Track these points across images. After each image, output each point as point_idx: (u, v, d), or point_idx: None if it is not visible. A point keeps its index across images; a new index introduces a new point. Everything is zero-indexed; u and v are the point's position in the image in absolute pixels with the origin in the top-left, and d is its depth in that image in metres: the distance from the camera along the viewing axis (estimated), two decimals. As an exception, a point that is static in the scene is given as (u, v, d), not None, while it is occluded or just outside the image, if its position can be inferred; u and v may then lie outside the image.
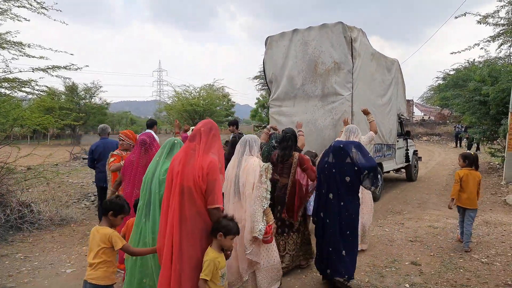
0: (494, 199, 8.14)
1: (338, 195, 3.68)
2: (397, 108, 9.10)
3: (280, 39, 7.30)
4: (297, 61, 7.02)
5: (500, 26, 7.79)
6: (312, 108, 6.87)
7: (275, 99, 7.44)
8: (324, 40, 6.68)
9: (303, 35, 6.98)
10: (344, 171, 3.66)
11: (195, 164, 2.55)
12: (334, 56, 6.57)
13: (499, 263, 4.43)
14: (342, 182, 3.66)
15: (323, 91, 6.75)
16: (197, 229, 2.56)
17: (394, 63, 8.88)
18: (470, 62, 17.22)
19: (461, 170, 5.08)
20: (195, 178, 2.52)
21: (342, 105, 6.54)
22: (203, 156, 2.59)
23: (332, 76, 6.62)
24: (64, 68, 7.37)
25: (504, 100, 10.00)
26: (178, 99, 22.35)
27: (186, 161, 2.60)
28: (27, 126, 7.27)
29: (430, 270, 4.24)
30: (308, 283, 3.97)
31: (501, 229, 5.79)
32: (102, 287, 2.68)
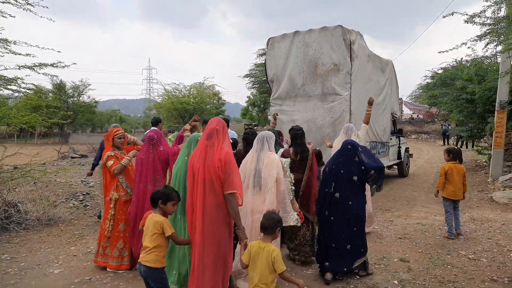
0: (481, 196, 8.28)
1: (345, 195, 3.80)
2: (390, 107, 9.41)
3: (282, 40, 7.58)
4: (298, 62, 7.30)
5: (487, 26, 7.89)
6: (312, 107, 7.16)
7: (276, 98, 7.72)
8: (324, 42, 6.96)
9: (304, 37, 7.26)
10: (351, 171, 3.82)
11: (214, 158, 2.89)
12: (333, 57, 6.86)
13: (485, 259, 4.51)
14: (349, 181, 3.81)
15: (323, 91, 7.04)
16: (218, 219, 2.90)
17: (389, 64, 9.20)
18: (457, 61, 17.45)
19: (446, 164, 5.41)
20: (215, 170, 2.86)
21: (341, 105, 6.83)
22: (219, 150, 2.93)
23: (331, 77, 6.92)
24: (51, 65, 7.23)
25: (491, 99, 10.18)
26: (168, 97, 22.19)
27: (206, 157, 2.93)
28: (13, 125, 7.15)
29: (419, 267, 4.29)
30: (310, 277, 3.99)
31: (487, 226, 5.89)
32: (154, 269, 2.90)
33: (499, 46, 8.57)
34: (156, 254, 2.89)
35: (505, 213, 6.86)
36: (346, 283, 3.85)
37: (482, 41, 8.16)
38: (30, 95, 8.16)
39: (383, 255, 4.66)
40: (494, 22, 7.81)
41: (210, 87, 24.87)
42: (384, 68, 8.86)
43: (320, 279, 3.94)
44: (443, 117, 22.77)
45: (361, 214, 3.86)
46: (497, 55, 10.70)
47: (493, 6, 7.84)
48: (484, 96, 10.23)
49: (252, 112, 32.37)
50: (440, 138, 24.27)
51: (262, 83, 21.82)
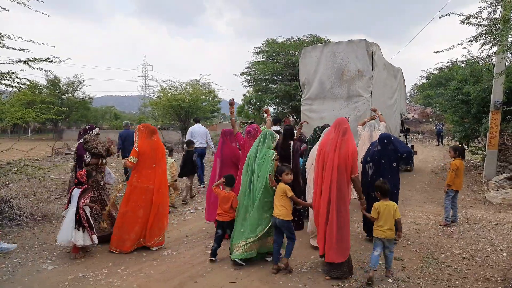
0: (475, 196, 8.34)
1: (387, 179, 4.62)
2: (400, 109, 10.85)
3: (313, 50, 9.17)
4: (327, 68, 8.72)
5: (482, 27, 7.93)
6: (339, 107, 8.53)
7: (307, 98, 9.17)
8: (350, 52, 8.33)
9: (332, 48, 8.76)
10: (390, 159, 4.97)
11: (348, 150, 3.94)
12: (358, 65, 8.22)
13: (478, 258, 4.54)
14: (390, 167, 4.97)
15: (348, 93, 8.42)
16: (345, 193, 3.97)
17: (399, 71, 10.79)
18: (453, 61, 17.53)
19: (455, 161, 6.04)
20: (347, 159, 3.92)
21: (363, 105, 8.21)
22: (350, 143, 3.99)
23: (356, 82, 8.28)
24: (46, 60, 7.15)
25: (485, 100, 10.23)
26: (163, 94, 22.05)
27: (340, 148, 3.95)
28: (6, 120, 7.06)
29: (413, 266, 4.31)
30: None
31: (481, 225, 5.94)
32: (285, 221, 4.09)
33: (494, 47, 8.61)
34: (285, 209, 4.08)
35: (499, 213, 6.91)
36: (341, 282, 3.86)
37: (478, 42, 8.22)
38: (24, 90, 8.04)
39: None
40: (490, 23, 7.86)
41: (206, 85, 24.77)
42: (396, 75, 10.29)
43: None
44: (437, 117, 22.90)
45: (396, 192, 4.94)
46: (492, 56, 10.76)
47: (489, 8, 7.89)
48: (479, 96, 10.28)
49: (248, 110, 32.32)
50: (435, 138, 24.41)
51: (258, 81, 21.77)
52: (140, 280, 3.94)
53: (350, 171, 3.95)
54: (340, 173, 3.91)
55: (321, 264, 4.18)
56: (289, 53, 20.11)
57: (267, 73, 20.34)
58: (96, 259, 4.55)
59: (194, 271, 4.18)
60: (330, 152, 3.98)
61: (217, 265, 4.36)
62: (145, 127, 4.91)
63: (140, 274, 4.08)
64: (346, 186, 3.96)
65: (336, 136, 4.04)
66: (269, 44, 20.82)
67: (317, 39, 20.82)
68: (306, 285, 3.82)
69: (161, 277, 4.01)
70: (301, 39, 21.02)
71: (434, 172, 11.97)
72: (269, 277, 4.00)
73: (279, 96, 19.78)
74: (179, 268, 4.27)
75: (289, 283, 3.87)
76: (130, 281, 3.91)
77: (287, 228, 4.11)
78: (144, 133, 4.85)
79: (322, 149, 4.13)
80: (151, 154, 4.79)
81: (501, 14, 7.82)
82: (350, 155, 3.93)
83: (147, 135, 4.85)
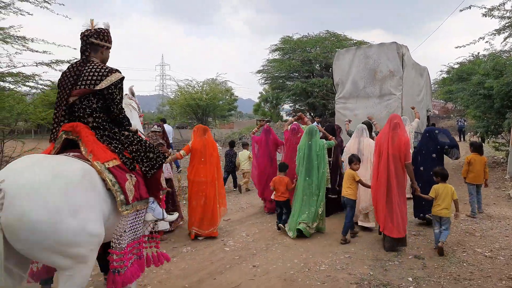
0: (498, 193, 8.12)
1: (427, 167, 5.45)
2: (426, 105, 11.41)
3: (346, 53, 9.82)
4: (359, 69, 9.30)
5: (506, 19, 7.70)
6: (372, 105, 9.08)
7: (341, 97, 9.74)
8: (382, 54, 8.92)
9: (364, 51, 9.36)
10: (430, 150, 5.61)
11: (401, 141, 4.63)
12: (389, 66, 8.79)
13: (502, 257, 4.43)
14: (430, 158, 5.59)
15: (381, 92, 8.99)
16: (401, 178, 4.71)
17: (425, 70, 11.33)
18: (474, 55, 17.06)
19: (469, 155, 6.54)
20: (401, 148, 4.61)
21: (395, 102, 8.75)
22: (402, 135, 4.69)
23: (387, 81, 8.87)
24: (68, 62, 7.34)
25: (509, 94, 9.92)
26: (181, 93, 22.33)
27: (393, 140, 4.66)
28: (31, 121, 7.29)
29: (433, 264, 4.25)
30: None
31: (504, 223, 5.79)
32: (351, 200, 5.05)
33: (518, 40, 8.36)
34: (352, 190, 5.03)
35: (523, 210, 6.72)
36: (360, 279, 3.84)
37: (501, 34, 7.98)
38: (47, 91, 8.29)
39: (397, 252, 4.63)
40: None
41: (223, 83, 24.92)
42: (422, 73, 10.85)
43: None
44: (458, 113, 22.36)
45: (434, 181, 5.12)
46: (516, 49, 10.44)
47: (513, -1, 7.64)
48: (502, 91, 9.97)
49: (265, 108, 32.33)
50: (456, 134, 23.84)
51: (275, 78, 21.74)
52: (160, 276, 4.02)
53: (404, 158, 4.63)
54: (395, 161, 4.63)
55: (382, 241, 4.90)
56: (305, 50, 19.99)
57: (283, 71, 20.29)
58: (118, 255, 4.67)
59: (213, 268, 4.24)
60: (384, 144, 4.72)
61: (235, 262, 4.41)
62: (198, 128, 5.69)
63: (161, 271, 4.16)
64: (401, 171, 4.69)
65: (388, 130, 4.78)
66: (286, 41, 20.75)
67: (334, 35, 20.62)
68: (325, 283, 3.82)
69: (181, 274, 4.09)
70: (318, 35, 20.85)
71: (455, 169, 11.70)
72: (287, 275, 4.02)
73: (296, 94, 19.70)
74: (198, 265, 4.34)
75: (307, 280, 3.88)
76: (151, 277, 3.99)
77: (351, 205, 5.08)
78: (197, 133, 5.57)
79: (378, 142, 4.92)
80: (202, 150, 5.44)
81: (526, 6, 7.58)
82: (403, 145, 4.62)
83: (200, 133, 5.54)
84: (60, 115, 2.85)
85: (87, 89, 2.77)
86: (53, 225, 2.13)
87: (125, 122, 3.07)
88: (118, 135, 2.94)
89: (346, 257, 4.49)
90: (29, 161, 2.37)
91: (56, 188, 2.21)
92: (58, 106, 2.87)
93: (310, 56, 19.10)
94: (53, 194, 2.18)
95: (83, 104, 2.82)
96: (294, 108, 23.16)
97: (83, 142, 2.66)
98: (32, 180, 2.16)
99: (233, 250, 4.85)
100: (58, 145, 2.74)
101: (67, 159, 2.54)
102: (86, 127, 2.77)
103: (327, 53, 19.11)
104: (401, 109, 8.62)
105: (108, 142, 2.83)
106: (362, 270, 4.09)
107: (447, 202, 4.63)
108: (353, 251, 4.72)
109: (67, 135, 2.72)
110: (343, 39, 20.29)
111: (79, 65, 2.87)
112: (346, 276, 3.94)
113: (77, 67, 2.87)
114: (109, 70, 2.85)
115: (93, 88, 2.77)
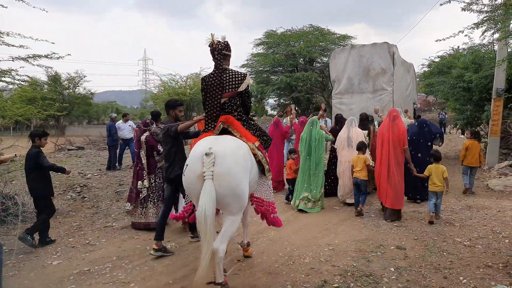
0: (477, 184, 8.32)
1: (424, 154, 6.52)
2: (413, 99, 12.35)
3: (341, 52, 10.61)
4: (354, 67, 10.03)
5: (484, 13, 7.82)
6: (365, 99, 9.84)
7: (338, 93, 10.47)
8: (374, 53, 9.69)
9: (358, 50, 10.10)
10: (427, 139, 6.72)
11: (400, 130, 5.66)
12: (381, 64, 9.58)
13: (480, 245, 4.56)
14: (426, 145, 6.69)
15: (374, 88, 9.74)
16: (400, 160, 5.71)
17: (411, 66, 12.28)
18: (454, 49, 17.36)
19: (466, 141, 7.56)
20: (399, 136, 5.64)
21: (387, 97, 9.53)
22: (400, 125, 5.72)
23: (380, 78, 9.64)
24: (45, 57, 7.12)
25: (487, 87, 10.15)
26: (164, 88, 22.03)
27: (393, 130, 5.68)
28: (8, 117, 7.08)
29: (415, 254, 4.33)
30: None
31: (483, 213, 5.95)
32: (363, 180, 6.04)
33: (496, 34, 8.51)
34: (364, 172, 6.03)
35: (501, 200, 6.92)
36: (344, 271, 3.89)
37: (479, 28, 8.10)
38: (25, 87, 8.04)
39: (380, 243, 4.71)
40: (491, 9, 7.74)
41: (207, 78, 24.68)
42: (409, 70, 11.65)
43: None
44: (439, 106, 22.77)
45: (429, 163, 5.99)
46: (494, 43, 10.65)
47: (490, -7, 7.76)
48: (481, 84, 10.19)
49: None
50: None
51: (259, 73, 21.67)
52: (144, 273, 3.98)
53: (402, 144, 5.65)
54: (394, 146, 5.65)
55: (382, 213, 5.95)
56: (289, 44, 19.96)
57: (267, 65, 20.22)
58: (100, 253, 4.61)
59: (197, 263, 4.20)
60: (386, 133, 5.75)
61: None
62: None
63: (144, 268, 4.12)
64: (400, 155, 5.70)
65: (389, 121, 5.79)
66: (269, 36, 20.67)
67: (318, 29, 20.64)
68: (309, 275, 3.85)
69: (165, 270, 4.06)
70: (302, 29, 20.83)
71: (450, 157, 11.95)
72: (272, 268, 4.03)
73: (280, 88, 19.69)
74: (182, 261, 4.31)
75: (291, 273, 3.90)
76: (134, 274, 3.95)
77: (364, 185, 6.06)
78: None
79: (380, 131, 5.93)
80: None
81: (503, 0, 7.72)
82: (401, 133, 5.66)
83: None
84: (213, 112, 3.75)
85: (233, 92, 3.72)
86: (240, 179, 3.17)
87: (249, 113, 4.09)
88: (252, 124, 3.93)
89: (329, 249, 4.54)
90: (212, 138, 3.41)
91: (241, 154, 3.30)
92: (210, 105, 3.75)
93: (294, 50, 19.09)
94: (240, 157, 3.25)
95: (231, 103, 3.76)
96: (278, 103, 23.17)
97: (235, 129, 3.64)
98: (228, 148, 3.21)
99: (218, 245, 4.83)
100: (217, 132, 3.65)
101: (235, 138, 3.53)
102: (235, 119, 3.71)
103: (311, 47, 19.13)
104: (392, 103, 9.29)
105: (249, 128, 3.80)
106: (346, 261, 4.14)
107: (440, 179, 5.62)
108: (336, 243, 4.77)
109: (223, 125, 3.65)
110: (327, 33, 20.32)
111: (218, 74, 3.74)
112: (330, 268, 3.99)
113: (217, 75, 3.74)
114: (244, 75, 3.81)
115: (237, 90, 3.73)
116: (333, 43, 19.86)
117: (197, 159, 3.09)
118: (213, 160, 3.00)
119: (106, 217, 6.29)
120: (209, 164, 2.99)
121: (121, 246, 4.85)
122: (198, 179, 3.05)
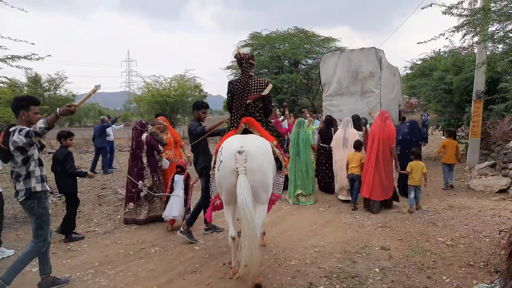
0: (459, 184, 8.50)
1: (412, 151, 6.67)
2: (398, 101, 12.73)
3: (331, 56, 11.09)
4: (343, 71, 10.48)
5: (464, 17, 8.01)
6: (354, 101, 10.32)
7: (328, 95, 10.99)
8: (362, 58, 10.12)
9: (347, 54, 10.60)
10: (418, 138, 7.29)
11: (390, 130, 6.24)
12: (369, 68, 10.03)
13: (462, 245, 4.64)
14: (417, 144, 7.24)
15: (362, 90, 10.20)
16: (388, 157, 6.30)
17: (397, 69, 12.84)
18: (436, 52, 17.70)
19: (444, 140, 8.36)
20: (389, 135, 6.22)
21: (374, 99, 10.03)
22: (390, 126, 6.29)
23: (368, 81, 10.10)
24: (25, 58, 6.97)
25: (468, 89, 10.39)
26: (148, 90, 21.79)
27: (384, 129, 6.23)
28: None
29: (399, 254, 4.38)
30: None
31: (464, 213, 6.06)
32: (359, 176, 6.45)
33: (475, 37, 8.72)
34: (358, 169, 6.46)
35: (481, 200, 7.06)
36: (330, 273, 3.89)
37: (459, 32, 8.29)
38: (3, 88, 7.84)
39: (364, 243, 4.74)
40: (471, 13, 7.93)
41: (191, 79, 24.52)
42: (394, 73, 12.15)
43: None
44: (422, 108, 23.18)
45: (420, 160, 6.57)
46: (474, 46, 10.89)
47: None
48: (461, 86, 10.42)
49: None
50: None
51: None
52: (127, 279, 3.90)
53: (391, 142, 6.22)
54: (383, 144, 6.22)
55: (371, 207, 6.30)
56: (274, 46, 20.01)
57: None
58: (82, 259, 4.49)
59: (182, 268, 4.16)
60: (377, 132, 6.27)
61: (205, 260, 4.36)
62: None
63: (128, 273, 4.04)
64: (388, 152, 6.28)
65: (380, 122, 6.33)
66: (255, 37, 20.70)
67: (302, 31, 20.77)
68: (295, 277, 3.84)
69: (149, 275, 3.98)
70: (286, 31, 20.92)
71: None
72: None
73: (265, 90, 19.69)
74: (167, 265, 4.24)
75: (277, 276, 3.88)
76: (118, 280, 3.87)
77: (359, 180, 6.47)
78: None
79: (372, 131, 6.44)
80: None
81: (482, 4, 7.92)
82: (391, 134, 6.25)
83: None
84: (239, 111, 4.10)
85: (258, 95, 4.10)
86: (268, 173, 3.60)
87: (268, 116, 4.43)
88: (270, 125, 4.32)
89: (315, 251, 4.54)
90: (238, 137, 3.71)
91: (268, 152, 3.67)
92: (237, 106, 4.10)
93: (279, 52, 19.15)
94: (267, 155, 3.65)
95: (254, 104, 4.13)
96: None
97: (255, 129, 3.95)
98: (257, 146, 3.58)
99: (203, 248, 4.78)
100: (239, 131, 3.95)
101: (260, 137, 3.83)
102: (255, 120, 4.02)
103: (296, 49, 19.23)
104: (380, 105, 9.78)
105: (267, 129, 4.15)
106: (331, 263, 4.15)
107: (419, 175, 6.22)
108: (322, 245, 4.78)
109: (245, 125, 3.95)
110: (311, 35, 20.48)
111: (244, 80, 4.11)
112: (315, 270, 3.98)
113: (243, 80, 4.11)
114: (267, 82, 4.19)
115: (261, 94, 4.10)
116: (317, 45, 20.02)
117: (231, 156, 3.47)
118: (245, 157, 3.41)
119: (88, 222, 6.15)
120: (242, 161, 3.40)
121: (103, 252, 4.74)
122: (232, 174, 3.46)
